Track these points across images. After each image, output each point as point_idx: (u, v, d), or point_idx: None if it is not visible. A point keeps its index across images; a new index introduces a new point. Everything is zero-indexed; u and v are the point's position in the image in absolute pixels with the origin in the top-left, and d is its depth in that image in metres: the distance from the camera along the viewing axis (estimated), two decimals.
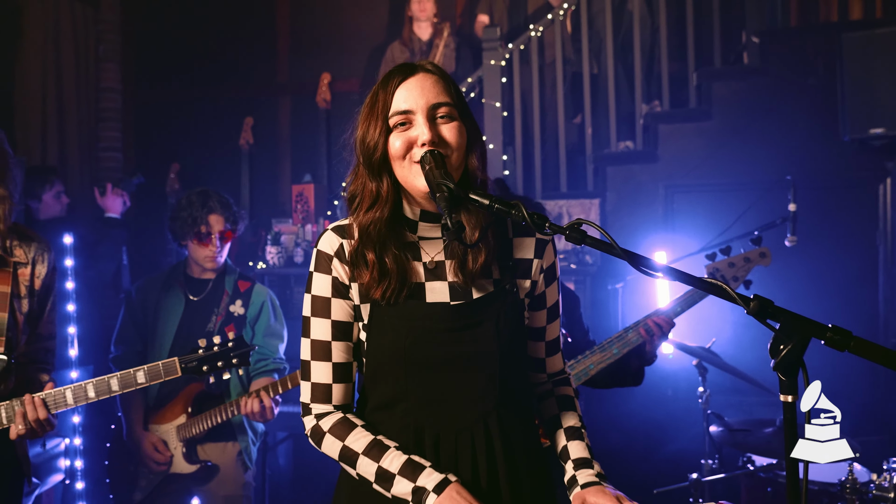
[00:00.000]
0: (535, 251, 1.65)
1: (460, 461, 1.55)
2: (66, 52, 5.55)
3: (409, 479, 1.49)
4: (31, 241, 2.32)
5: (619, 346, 2.73)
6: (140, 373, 2.32)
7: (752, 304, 1.21)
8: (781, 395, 1.22)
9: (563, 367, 1.81)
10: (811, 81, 4.49)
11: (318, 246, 1.61)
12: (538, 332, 1.73)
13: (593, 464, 1.64)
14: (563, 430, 1.71)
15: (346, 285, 1.59)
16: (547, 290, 1.69)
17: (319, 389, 1.60)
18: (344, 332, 1.60)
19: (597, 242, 1.30)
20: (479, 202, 1.42)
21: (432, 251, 1.60)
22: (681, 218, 4.60)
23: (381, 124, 1.53)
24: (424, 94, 1.53)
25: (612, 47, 4.87)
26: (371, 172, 1.55)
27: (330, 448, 1.58)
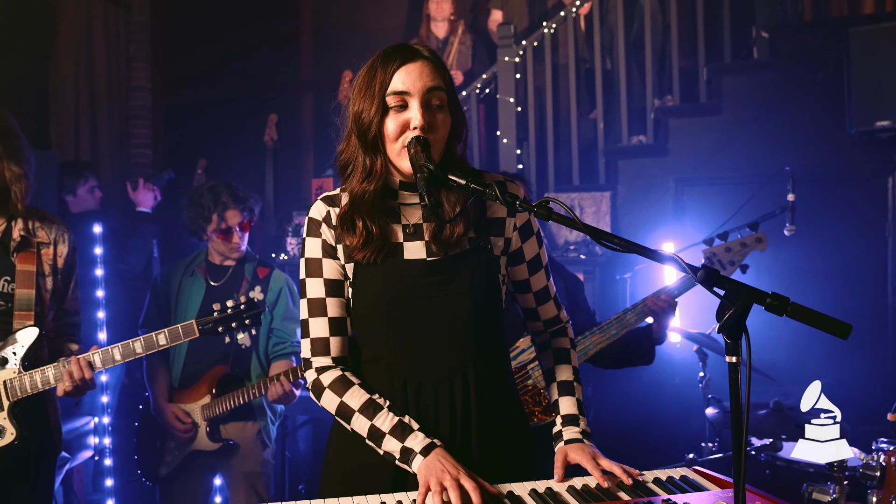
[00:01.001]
0: (508, 210, 1.77)
1: (440, 409, 1.69)
2: (98, 52, 5.76)
3: (398, 440, 1.62)
4: (52, 223, 2.52)
5: (618, 327, 2.82)
6: (161, 335, 2.50)
7: (699, 273, 1.33)
8: (727, 356, 1.33)
9: (559, 314, 1.91)
10: (820, 76, 4.55)
11: (310, 214, 1.75)
12: (523, 285, 1.85)
13: (579, 421, 1.78)
14: (557, 385, 1.85)
15: (333, 247, 1.72)
16: (524, 245, 1.81)
17: (318, 343, 1.72)
18: (336, 288, 1.72)
19: (561, 218, 1.43)
20: (457, 182, 1.56)
21: (411, 216, 1.72)
22: (690, 210, 4.68)
23: (377, 102, 1.62)
24: (421, 79, 1.63)
25: (624, 43, 4.96)
26: (365, 148, 1.67)
27: (328, 403, 1.70)
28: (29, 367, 2.39)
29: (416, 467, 1.59)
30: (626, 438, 3.64)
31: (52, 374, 2.40)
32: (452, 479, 1.53)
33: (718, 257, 2.88)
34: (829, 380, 3.90)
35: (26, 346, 2.37)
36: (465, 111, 5.20)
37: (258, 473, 3.31)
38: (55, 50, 5.62)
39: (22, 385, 2.38)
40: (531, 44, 5.04)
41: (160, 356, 3.37)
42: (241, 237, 3.31)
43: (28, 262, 2.43)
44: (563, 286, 3.05)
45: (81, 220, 4.22)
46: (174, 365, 3.33)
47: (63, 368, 2.38)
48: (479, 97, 5.20)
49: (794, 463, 3.06)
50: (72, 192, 4.41)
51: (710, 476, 1.77)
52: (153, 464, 3.30)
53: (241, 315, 2.57)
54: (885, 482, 2.61)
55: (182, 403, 3.27)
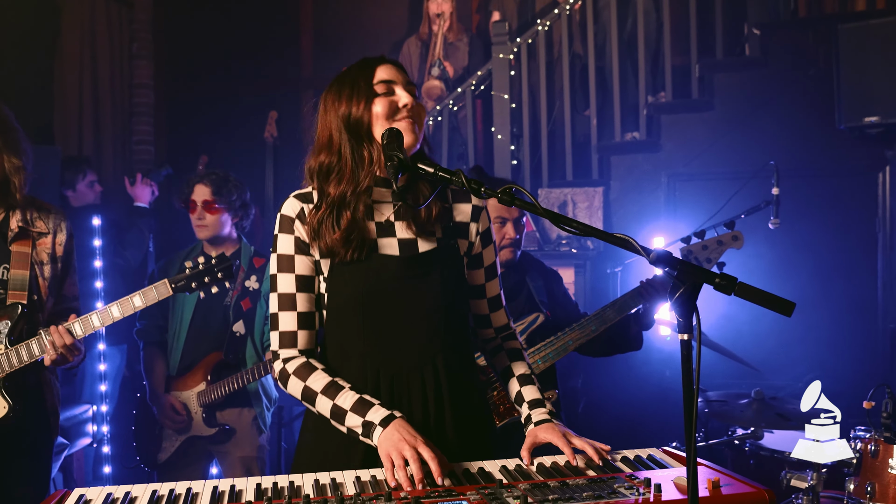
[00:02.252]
0: (472, 216, 1.89)
1: (412, 398, 1.76)
2: (101, 50, 5.82)
3: (358, 415, 1.68)
4: (49, 213, 2.59)
5: (597, 323, 2.87)
6: (136, 297, 2.54)
7: (651, 255, 1.40)
8: (678, 334, 1.40)
9: (508, 323, 2.01)
10: (811, 72, 4.60)
11: (282, 210, 1.81)
12: (478, 290, 1.95)
13: (545, 404, 1.87)
14: (516, 378, 1.92)
15: (307, 243, 1.78)
16: (483, 251, 1.92)
17: (286, 336, 1.79)
18: (306, 284, 1.79)
19: (524, 204, 1.49)
20: (425, 170, 1.63)
21: (385, 212, 1.81)
22: (682, 205, 4.73)
23: (366, 93, 1.75)
24: (400, 74, 1.81)
25: (618, 41, 5.01)
26: (359, 142, 1.76)
27: (294, 388, 1.76)
28: (16, 342, 2.46)
29: (377, 439, 1.65)
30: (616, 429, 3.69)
31: (37, 346, 2.46)
32: (411, 447, 1.59)
33: (695, 255, 2.93)
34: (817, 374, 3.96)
35: (12, 322, 2.45)
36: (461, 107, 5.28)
37: (254, 458, 3.40)
38: (59, 47, 5.69)
39: (9, 360, 2.45)
40: (525, 41, 5.10)
41: (157, 347, 3.45)
42: (200, 214, 3.36)
43: (24, 246, 2.51)
44: (543, 283, 3.10)
45: (82, 214, 4.30)
46: (172, 354, 3.41)
47: (46, 339, 2.44)
48: (475, 94, 5.26)
49: (776, 452, 3.12)
50: (71, 187, 4.49)
51: (675, 455, 1.84)
52: (151, 450, 3.39)
53: (212, 269, 2.62)
54: (861, 469, 2.66)
55: (178, 391, 3.35)
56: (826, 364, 4.10)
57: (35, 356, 2.47)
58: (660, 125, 4.87)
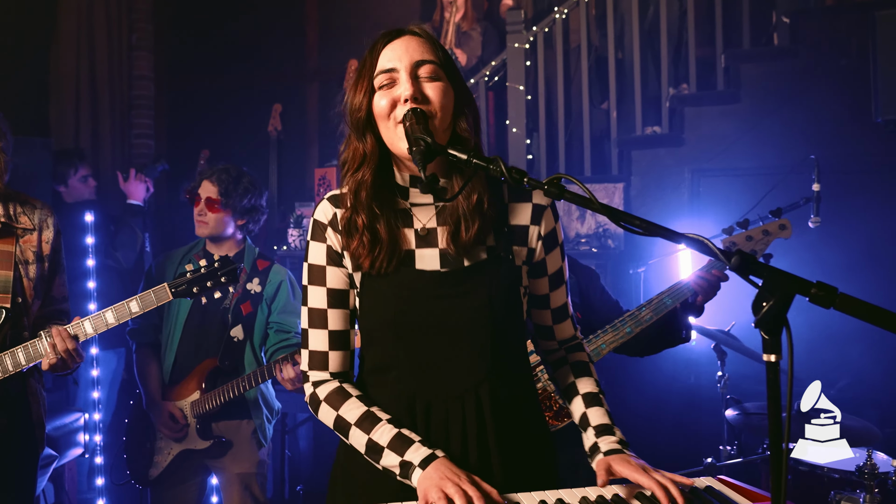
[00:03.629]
0: (532, 217, 1.62)
1: (451, 431, 1.54)
2: (99, 41, 5.64)
3: (396, 453, 1.48)
4: (34, 208, 2.37)
5: (632, 324, 2.65)
6: (133, 303, 2.35)
7: (733, 259, 1.17)
8: (764, 354, 1.17)
9: (575, 333, 1.78)
10: (843, 62, 4.36)
11: (315, 215, 1.62)
12: (542, 300, 1.71)
13: (615, 430, 1.61)
14: (581, 397, 1.67)
15: (340, 253, 1.59)
16: (547, 257, 1.66)
17: (316, 357, 1.61)
18: (339, 299, 1.60)
19: (575, 197, 1.26)
20: (457, 156, 1.40)
21: (424, 217, 1.58)
22: (707, 202, 4.51)
23: (366, 85, 1.54)
24: (408, 53, 1.53)
25: (639, 30, 4.79)
26: (357, 133, 1.56)
27: (325, 416, 1.59)
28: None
29: (416, 481, 1.44)
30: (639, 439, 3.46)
31: (23, 354, 2.25)
32: (455, 484, 1.38)
33: (738, 246, 2.69)
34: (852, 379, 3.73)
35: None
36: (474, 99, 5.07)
37: (253, 475, 3.15)
38: (55, 37, 5.51)
39: None
40: (542, 30, 4.87)
41: (151, 351, 3.22)
42: (202, 213, 3.14)
43: (7, 244, 2.29)
44: (575, 282, 2.88)
45: (76, 210, 4.07)
46: (165, 358, 3.18)
47: (47, 341, 2.24)
48: (488, 85, 5.04)
49: (817, 468, 2.90)
50: (63, 182, 4.25)
51: (737, 487, 1.60)
52: (142, 465, 3.15)
53: (215, 273, 2.42)
54: None
55: (171, 400, 3.12)
56: (863, 370, 3.87)
57: (21, 365, 2.25)
58: (683, 118, 4.64)
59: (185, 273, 2.41)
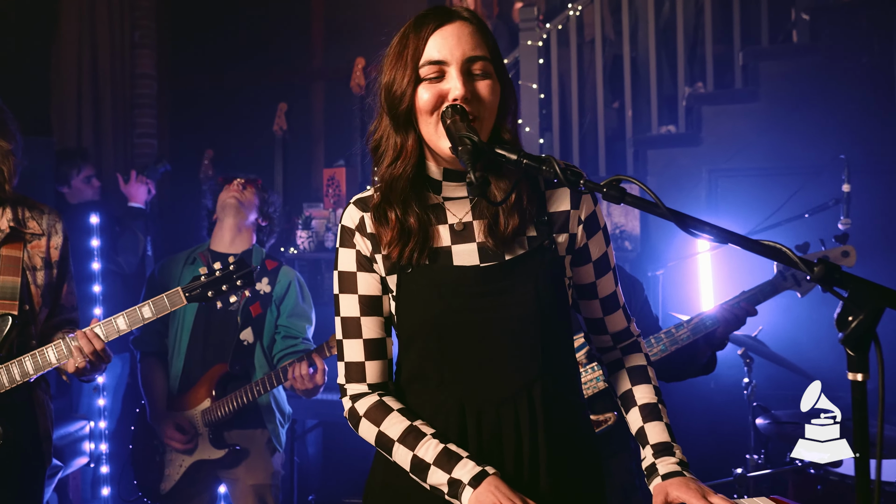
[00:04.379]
0: (572, 202, 1.52)
1: (504, 436, 1.44)
2: (101, 38, 5.55)
3: (444, 470, 1.39)
4: (43, 212, 2.27)
5: (667, 342, 2.54)
6: (146, 308, 2.25)
7: (816, 270, 1.07)
8: (850, 373, 1.07)
9: (629, 326, 1.66)
10: (865, 59, 4.26)
11: (343, 221, 1.55)
12: (588, 289, 1.59)
13: (675, 449, 1.50)
14: (639, 409, 1.56)
15: (369, 258, 1.51)
16: (589, 242, 1.55)
17: (353, 368, 1.53)
18: (373, 306, 1.52)
19: (638, 201, 1.16)
20: (506, 157, 1.30)
21: (459, 212, 1.49)
22: (725, 203, 4.41)
23: (409, 73, 1.41)
24: (460, 45, 1.40)
25: (654, 27, 4.69)
26: (396, 125, 1.45)
27: (367, 433, 1.51)
28: (5, 359, 2.15)
29: (467, 501, 1.33)
30: None
31: (31, 363, 2.15)
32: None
33: (793, 271, 2.54)
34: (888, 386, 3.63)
35: (0, 336, 2.13)
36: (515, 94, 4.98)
37: (268, 486, 3.05)
38: (57, 35, 5.41)
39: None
40: (555, 27, 4.77)
41: (156, 361, 3.11)
42: (240, 189, 3.17)
43: (15, 249, 2.19)
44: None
45: (80, 211, 3.96)
46: (172, 366, 3.07)
47: (72, 345, 2.15)
48: None
49: (848, 478, 2.81)
50: (66, 183, 4.12)
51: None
52: (152, 479, 3.03)
53: (230, 276, 2.32)
54: None
55: (180, 410, 3.01)
56: None
57: (29, 374, 2.15)
58: (700, 117, 4.54)
59: (200, 276, 2.31)
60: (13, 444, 2.15)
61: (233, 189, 3.17)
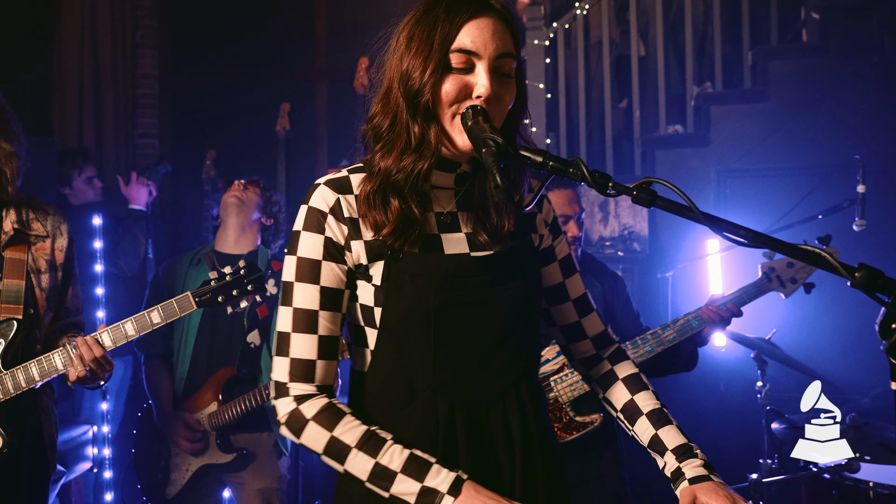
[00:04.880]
0: (537, 205, 1.53)
1: (496, 437, 1.39)
2: (103, 38, 5.52)
3: (414, 479, 1.30)
4: (47, 213, 2.24)
5: (654, 343, 2.58)
6: (154, 313, 2.22)
7: (857, 275, 1.03)
8: (893, 382, 1.03)
9: (606, 330, 1.63)
10: (876, 59, 4.22)
11: (310, 202, 1.41)
12: (559, 291, 1.57)
13: (696, 451, 1.46)
14: (647, 417, 1.51)
15: (342, 246, 1.39)
16: (554, 243, 1.57)
17: (300, 366, 1.38)
18: (333, 300, 1.40)
19: (670, 205, 1.12)
20: (532, 159, 1.25)
21: (445, 200, 1.43)
22: (734, 204, 4.37)
23: (437, 59, 1.32)
24: (494, 40, 1.34)
25: (662, 26, 4.65)
26: (414, 114, 1.35)
27: (312, 439, 1.35)
28: (9, 365, 2.11)
29: None
30: None
31: (37, 371, 2.11)
32: None
33: (778, 273, 2.58)
34: None
35: (6, 341, 2.09)
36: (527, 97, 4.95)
37: (275, 490, 3.03)
38: (58, 34, 5.38)
39: (4, 386, 2.09)
40: (562, 26, 4.72)
41: (161, 362, 3.07)
42: (242, 189, 3.15)
43: (19, 252, 2.16)
44: (600, 290, 2.76)
45: (82, 212, 3.92)
46: (178, 369, 3.03)
47: (73, 353, 2.12)
48: None
49: (861, 482, 2.77)
50: (67, 183, 4.08)
51: None
52: (157, 483, 2.99)
53: (241, 281, 2.28)
54: None
55: (188, 413, 2.98)
56: None
57: (34, 381, 2.11)
58: (709, 117, 4.50)
59: (210, 281, 2.27)
60: (18, 451, 2.11)
61: (234, 189, 3.15)
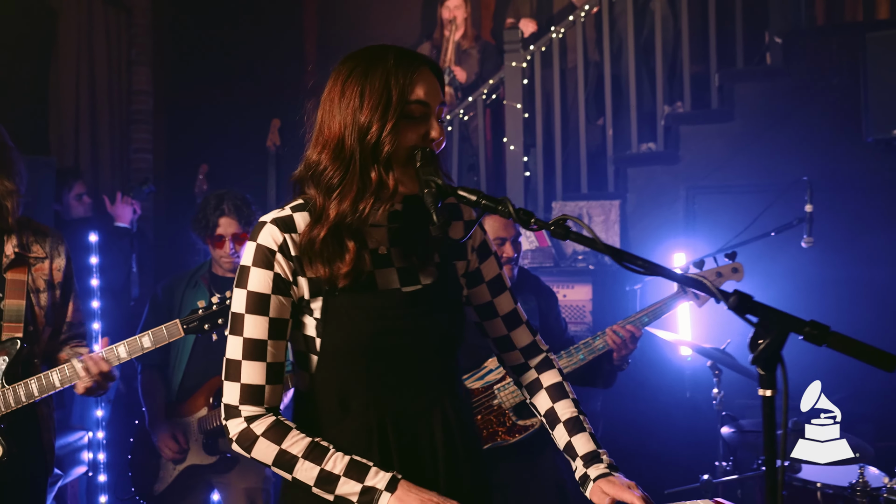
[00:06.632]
0: (465, 231, 1.68)
1: (422, 446, 1.58)
2: (98, 56, 5.67)
3: (355, 480, 1.47)
4: (46, 236, 2.42)
5: (586, 352, 2.75)
6: (146, 338, 2.41)
7: (731, 299, 1.23)
8: (760, 389, 1.23)
9: (535, 341, 1.78)
10: (835, 82, 4.44)
11: (259, 240, 1.52)
12: (488, 308, 1.74)
13: (601, 456, 1.64)
14: (563, 425, 1.69)
15: (290, 281, 1.52)
16: (481, 266, 1.72)
17: (250, 391, 1.52)
18: (280, 330, 1.54)
19: (580, 238, 1.32)
20: (467, 198, 1.45)
21: (378, 238, 1.58)
22: (702, 219, 4.58)
23: (398, 111, 1.46)
24: (437, 91, 1.52)
25: (634, 48, 4.86)
26: (373, 162, 1.47)
27: (262, 453, 1.50)
28: (11, 381, 2.30)
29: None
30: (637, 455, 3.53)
31: (36, 387, 2.30)
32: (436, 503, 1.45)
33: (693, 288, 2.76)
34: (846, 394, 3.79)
35: (9, 358, 2.28)
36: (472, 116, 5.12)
37: (259, 489, 3.21)
38: (55, 53, 5.53)
39: (6, 400, 2.28)
40: (539, 49, 4.94)
41: (157, 373, 3.26)
42: (232, 248, 3.21)
43: (20, 273, 2.35)
44: (536, 304, 2.94)
45: (75, 228, 4.11)
46: (173, 377, 3.23)
47: (79, 366, 2.31)
48: (486, 103, 5.10)
49: (810, 483, 2.96)
50: (58, 201, 4.29)
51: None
52: (148, 481, 3.19)
53: (227, 310, 2.47)
54: None
55: (179, 416, 3.17)
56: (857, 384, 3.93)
57: (34, 396, 2.30)
58: (678, 136, 4.71)
59: (198, 310, 2.46)
60: (18, 457, 2.29)
61: (225, 252, 3.22)
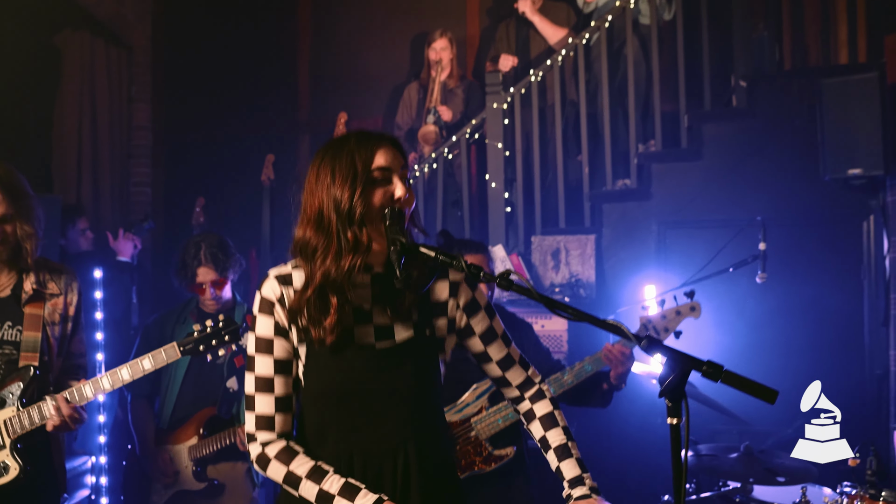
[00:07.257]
0: (450, 292, 1.90)
1: (384, 485, 1.80)
2: (100, 93, 5.91)
3: (347, 499, 1.72)
4: (61, 273, 2.67)
5: (574, 377, 2.93)
6: (146, 360, 2.64)
7: (643, 343, 1.47)
8: (668, 418, 1.47)
9: (528, 376, 2.00)
10: (796, 123, 4.72)
11: (262, 292, 1.80)
12: (482, 356, 1.98)
13: (585, 480, 1.88)
14: (553, 451, 1.94)
15: (286, 328, 1.79)
16: (471, 321, 1.93)
17: (263, 420, 1.80)
18: (284, 368, 1.81)
19: (520, 288, 1.57)
20: (427, 255, 1.70)
21: (361, 297, 1.81)
22: (672, 253, 4.83)
23: (363, 178, 1.72)
24: (398, 158, 1.80)
25: (609, 90, 5.14)
26: (350, 224, 1.72)
27: (275, 473, 1.79)
28: (27, 404, 2.52)
29: None
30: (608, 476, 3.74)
31: (45, 409, 2.53)
32: None
33: (654, 324, 2.96)
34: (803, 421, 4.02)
35: (23, 384, 2.51)
36: (456, 154, 5.37)
37: None
38: (59, 92, 5.77)
39: (21, 422, 2.51)
40: (518, 91, 5.22)
41: (146, 403, 3.48)
42: (212, 293, 3.41)
43: (37, 308, 2.59)
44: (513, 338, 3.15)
45: (77, 261, 4.37)
46: (164, 407, 3.45)
47: (51, 405, 2.52)
48: (470, 141, 5.37)
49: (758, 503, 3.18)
50: (63, 235, 4.57)
51: None
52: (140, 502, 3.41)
53: (219, 333, 2.70)
54: None
55: (170, 444, 3.39)
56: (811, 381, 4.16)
57: (46, 418, 2.53)
58: (650, 173, 4.98)
59: (193, 333, 2.70)
60: (33, 478, 2.52)
61: (207, 297, 3.44)
